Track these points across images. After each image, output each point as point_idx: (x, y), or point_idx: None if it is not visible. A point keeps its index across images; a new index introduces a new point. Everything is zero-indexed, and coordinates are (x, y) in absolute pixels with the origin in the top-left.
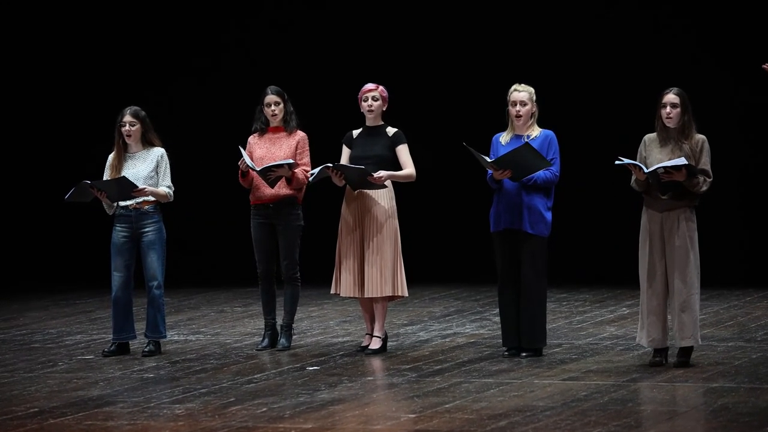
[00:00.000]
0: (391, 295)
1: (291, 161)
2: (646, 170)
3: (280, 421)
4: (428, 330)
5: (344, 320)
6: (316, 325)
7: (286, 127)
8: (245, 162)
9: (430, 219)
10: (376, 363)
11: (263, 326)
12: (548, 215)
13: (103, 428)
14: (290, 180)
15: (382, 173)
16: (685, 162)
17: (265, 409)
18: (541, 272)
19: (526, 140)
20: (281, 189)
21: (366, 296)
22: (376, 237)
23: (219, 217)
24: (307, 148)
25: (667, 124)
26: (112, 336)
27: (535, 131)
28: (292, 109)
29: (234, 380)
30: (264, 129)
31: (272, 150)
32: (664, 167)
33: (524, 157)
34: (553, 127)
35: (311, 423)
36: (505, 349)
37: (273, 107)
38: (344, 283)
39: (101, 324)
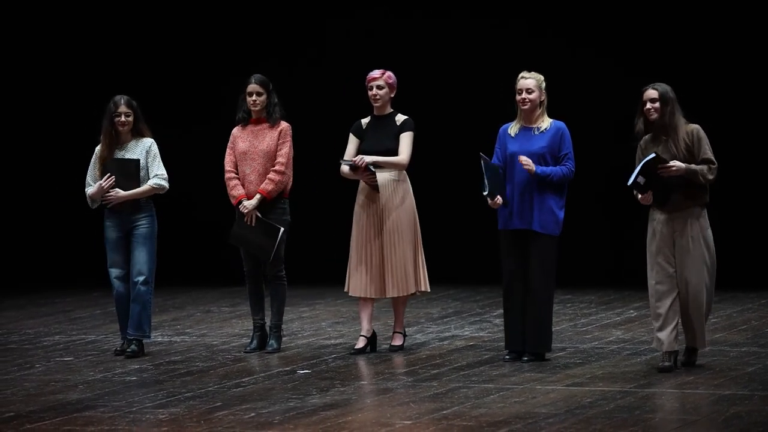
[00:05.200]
0: (414, 291)
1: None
2: (630, 182)
3: (269, 427)
4: (425, 332)
5: (336, 321)
6: (308, 326)
7: (268, 118)
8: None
9: (429, 215)
10: (370, 367)
11: (251, 327)
12: (560, 214)
13: None
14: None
15: (365, 158)
16: (654, 155)
17: (253, 414)
18: (549, 273)
19: (482, 155)
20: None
21: (388, 296)
22: (396, 234)
23: (205, 212)
24: (289, 138)
25: (651, 118)
26: (121, 335)
27: (545, 122)
28: (276, 100)
29: (221, 384)
30: (246, 119)
31: (255, 143)
32: (636, 173)
33: (494, 173)
34: (560, 118)
35: (301, 429)
36: (506, 352)
37: (255, 97)
38: (362, 283)
39: (81, 324)
